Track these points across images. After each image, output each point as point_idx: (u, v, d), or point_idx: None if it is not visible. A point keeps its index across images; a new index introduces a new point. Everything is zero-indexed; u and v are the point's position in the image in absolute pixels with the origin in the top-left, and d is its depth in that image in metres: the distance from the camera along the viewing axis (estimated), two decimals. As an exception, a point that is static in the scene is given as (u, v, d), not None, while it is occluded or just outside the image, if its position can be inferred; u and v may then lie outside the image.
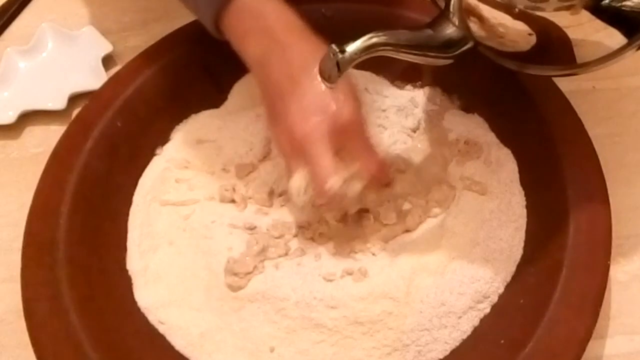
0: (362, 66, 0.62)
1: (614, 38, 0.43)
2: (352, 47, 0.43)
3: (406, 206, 0.54)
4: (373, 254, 0.52)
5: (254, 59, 0.52)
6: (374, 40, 0.44)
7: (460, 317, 0.49)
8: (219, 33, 0.53)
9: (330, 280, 0.50)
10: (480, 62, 0.57)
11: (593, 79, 0.63)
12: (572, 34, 0.44)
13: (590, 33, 0.43)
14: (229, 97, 0.62)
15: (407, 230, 0.53)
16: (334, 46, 0.43)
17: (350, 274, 0.50)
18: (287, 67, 0.50)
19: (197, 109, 0.61)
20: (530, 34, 0.45)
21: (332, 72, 0.43)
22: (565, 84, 0.56)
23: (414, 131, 0.59)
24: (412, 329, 0.48)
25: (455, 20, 0.47)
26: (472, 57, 0.57)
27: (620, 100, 0.62)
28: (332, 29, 0.61)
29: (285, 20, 0.51)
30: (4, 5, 0.72)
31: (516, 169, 0.55)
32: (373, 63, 0.62)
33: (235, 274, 0.50)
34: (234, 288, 0.50)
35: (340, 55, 0.43)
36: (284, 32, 0.51)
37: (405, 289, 0.49)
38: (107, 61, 0.67)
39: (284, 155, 0.52)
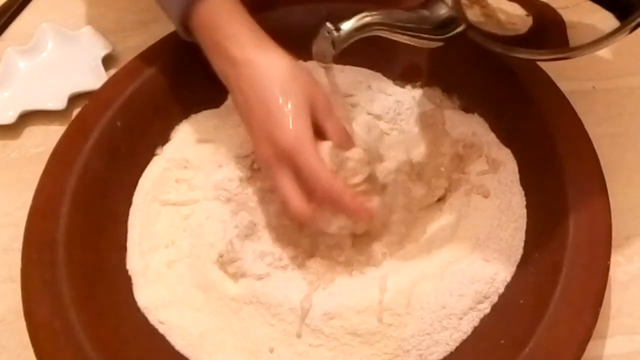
0: (364, 65, 0.62)
1: (607, 21, 0.42)
2: (347, 26, 0.42)
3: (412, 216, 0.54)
4: (373, 265, 0.52)
5: (219, 74, 0.53)
6: (368, 19, 0.43)
7: (461, 319, 0.48)
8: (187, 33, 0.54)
9: (324, 288, 0.50)
10: (481, 62, 0.57)
11: (593, 79, 0.63)
12: (566, 15, 0.43)
13: (584, 15, 0.43)
14: (229, 97, 0.62)
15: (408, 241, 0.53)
16: (329, 24, 0.42)
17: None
18: (242, 89, 0.50)
19: (197, 109, 0.61)
20: (527, 15, 0.45)
21: (327, 51, 0.43)
22: (565, 84, 0.56)
23: (415, 131, 0.59)
24: (412, 334, 0.48)
25: (449, 1, 0.47)
26: (472, 58, 0.58)
27: (620, 100, 0.62)
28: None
29: (237, 33, 0.51)
30: (4, 5, 0.72)
31: (516, 169, 0.55)
32: (373, 63, 0.62)
33: (233, 261, 0.50)
34: (236, 276, 0.50)
35: (335, 34, 0.42)
36: (236, 50, 0.50)
37: (406, 301, 0.48)
38: (107, 61, 0.67)
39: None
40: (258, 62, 0.50)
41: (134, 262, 0.53)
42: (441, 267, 0.50)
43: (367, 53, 0.61)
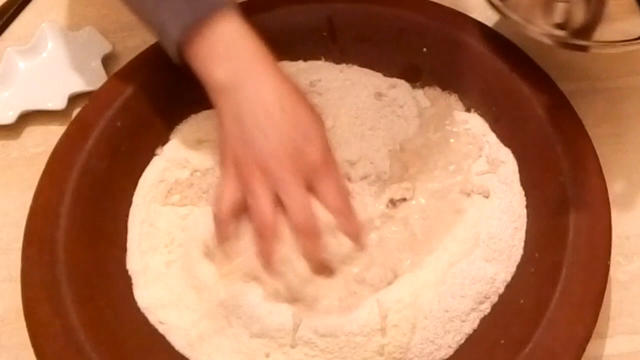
0: (364, 65, 0.62)
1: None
2: None
3: (420, 228, 0.53)
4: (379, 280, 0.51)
5: (220, 82, 0.51)
6: None
7: (463, 321, 0.48)
8: (178, 55, 0.52)
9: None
10: (481, 62, 0.57)
11: (593, 79, 0.63)
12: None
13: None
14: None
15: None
16: None
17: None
18: (261, 98, 0.50)
19: (197, 109, 0.61)
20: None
21: None
22: (565, 84, 0.56)
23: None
24: (415, 344, 0.47)
25: None
26: (472, 58, 0.58)
27: (620, 100, 0.62)
28: (332, 30, 0.61)
29: (254, 49, 0.51)
30: (4, 5, 0.72)
31: (516, 169, 0.55)
32: (373, 63, 0.62)
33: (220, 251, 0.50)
34: (226, 263, 0.50)
35: None
36: (255, 62, 0.51)
37: (410, 317, 0.48)
38: (107, 61, 0.67)
39: (240, 175, 0.51)
40: (272, 79, 0.51)
41: (134, 262, 0.53)
42: (442, 271, 0.50)
43: (368, 53, 0.61)
